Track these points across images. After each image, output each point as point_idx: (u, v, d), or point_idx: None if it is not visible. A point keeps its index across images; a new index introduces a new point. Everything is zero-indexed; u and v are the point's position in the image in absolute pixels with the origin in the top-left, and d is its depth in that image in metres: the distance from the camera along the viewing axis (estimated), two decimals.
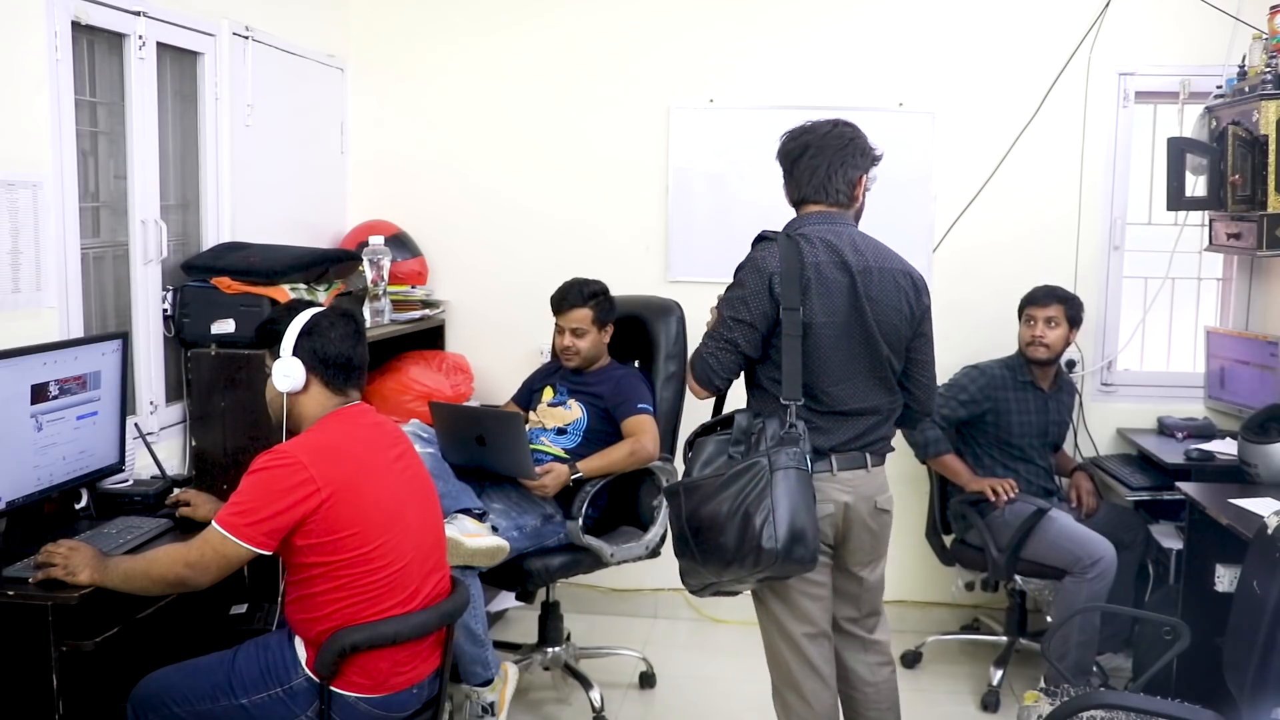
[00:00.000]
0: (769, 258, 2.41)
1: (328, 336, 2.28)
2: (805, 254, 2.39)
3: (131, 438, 2.83)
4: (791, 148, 2.52)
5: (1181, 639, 2.46)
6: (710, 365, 2.45)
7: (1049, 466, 3.72)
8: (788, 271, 2.37)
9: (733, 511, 2.28)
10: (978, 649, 3.90)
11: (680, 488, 2.41)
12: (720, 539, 2.29)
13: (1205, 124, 3.60)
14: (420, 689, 2.33)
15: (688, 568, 2.44)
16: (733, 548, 2.28)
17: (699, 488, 2.36)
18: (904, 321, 2.47)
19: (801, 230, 2.45)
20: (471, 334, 4.21)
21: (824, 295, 2.38)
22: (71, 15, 2.68)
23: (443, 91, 4.20)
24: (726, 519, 2.28)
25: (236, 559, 2.13)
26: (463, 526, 2.92)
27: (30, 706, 2.12)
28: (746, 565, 2.29)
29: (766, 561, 2.26)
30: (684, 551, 2.41)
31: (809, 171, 2.48)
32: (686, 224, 4.12)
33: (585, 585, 4.13)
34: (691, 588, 2.50)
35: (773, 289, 2.38)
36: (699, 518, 2.34)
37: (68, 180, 2.69)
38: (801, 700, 2.55)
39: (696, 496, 2.35)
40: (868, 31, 4.01)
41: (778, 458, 2.29)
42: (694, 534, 2.35)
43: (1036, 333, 3.59)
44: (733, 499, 2.29)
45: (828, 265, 2.39)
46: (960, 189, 4.00)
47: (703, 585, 2.46)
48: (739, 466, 2.31)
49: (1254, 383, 3.73)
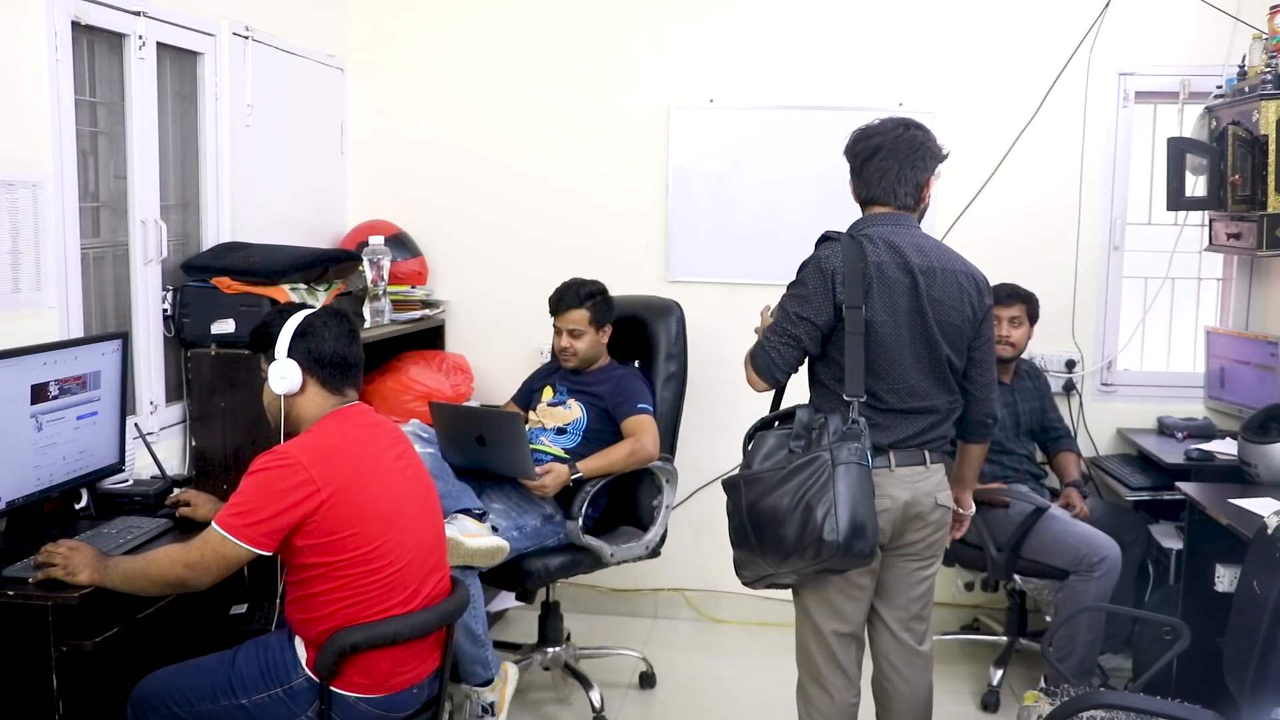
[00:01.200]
0: (832, 257, 2.44)
1: (322, 337, 2.28)
2: (868, 253, 2.42)
3: (131, 438, 2.83)
4: (862, 148, 2.54)
5: (1181, 639, 2.46)
6: (772, 358, 2.47)
7: (1029, 453, 3.74)
8: (850, 271, 2.40)
9: (794, 504, 2.33)
10: (978, 649, 3.90)
11: (740, 480, 2.46)
12: (781, 531, 2.35)
13: (1205, 124, 3.60)
14: (420, 689, 2.33)
15: (744, 559, 2.50)
16: (793, 539, 2.33)
17: (760, 480, 2.41)
18: (966, 322, 2.51)
19: (865, 231, 2.48)
20: (471, 334, 4.21)
21: (886, 295, 2.42)
22: (71, 15, 2.68)
23: (443, 92, 4.20)
24: (788, 511, 2.34)
25: (236, 560, 2.13)
26: (463, 526, 2.92)
27: (30, 706, 2.12)
28: (806, 557, 2.34)
29: (827, 553, 2.31)
30: (742, 543, 2.47)
31: (879, 173, 2.50)
32: (686, 224, 4.12)
33: (585, 585, 4.13)
34: (746, 579, 2.55)
35: (835, 288, 2.41)
36: (759, 510, 2.39)
37: (68, 180, 2.69)
38: (824, 694, 2.58)
39: (757, 489, 2.40)
40: (868, 31, 4.01)
41: (839, 452, 2.34)
42: (753, 526, 2.41)
43: (1003, 332, 3.60)
44: (794, 492, 2.34)
45: (890, 265, 2.43)
46: (960, 189, 4.00)
47: (758, 577, 2.51)
48: (801, 460, 2.36)
49: (1254, 383, 3.73)
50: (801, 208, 3.97)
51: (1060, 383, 4.02)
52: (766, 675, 3.70)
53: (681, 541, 3.98)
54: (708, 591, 4.25)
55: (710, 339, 3.91)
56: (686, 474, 3.77)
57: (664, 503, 3.43)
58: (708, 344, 3.87)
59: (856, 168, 2.55)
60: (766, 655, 3.89)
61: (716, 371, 3.92)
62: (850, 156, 2.57)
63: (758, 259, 4.07)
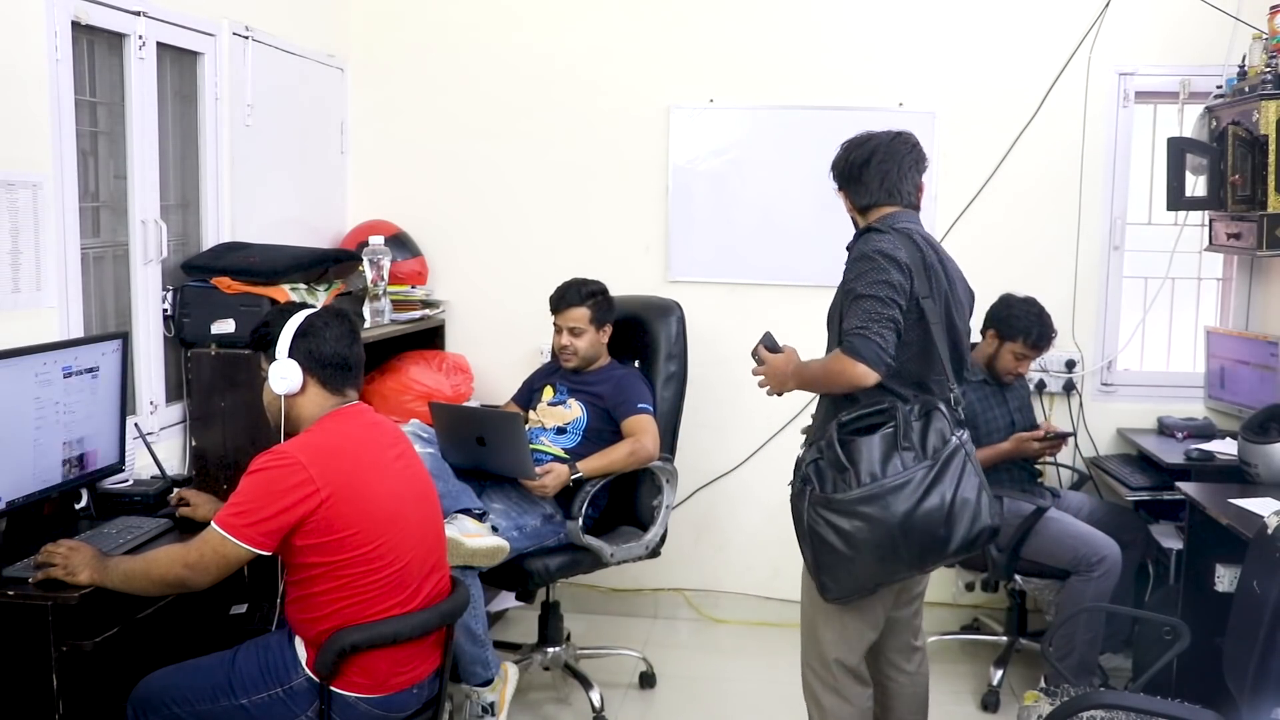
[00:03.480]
0: (896, 249, 2.38)
1: (323, 337, 2.28)
2: (922, 248, 2.43)
3: (131, 438, 2.83)
4: (857, 155, 2.54)
5: (1181, 639, 2.46)
6: (879, 345, 2.32)
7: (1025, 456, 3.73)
8: (914, 262, 2.39)
9: (952, 500, 2.29)
10: (978, 649, 3.90)
11: (881, 490, 2.29)
12: (945, 530, 2.29)
13: (1205, 124, 3.60)
14: (420, 689, 2.33)
15: (875, 572, 2.36)
16: (962, 535, 2.29)
17: (905, 484, 2.29)
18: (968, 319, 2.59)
19: (903, 226, 2.46)
20: (471, 334, 4.21)
21: (937, 290, 2.44)
22: (71, 15, 2.67)
23: (443, 91, 4.20)
24: (954, 509, 2.29)
25: (236, 560, 2.13)
26: (463, 526, 2.92)
27: (30, 706, 2.12)
28: (970, 547, 2.33)
29: (985, 538, 2.32)
30: (887, 557, 2.32)
31: (879, 176, 2.50)
32: (686, 224, 4.12)
33: (585, 585, 4.13)
34: (845, 592, 2.40)
35: (912, 278, 2.38)
36: (916, 517, 2.28)
37: (68, 180, 2.69)
38: (844, 702, 2.53)
39: (903, 495, 2.28)
40: (868, 31, 4.01)
41: (965, 440, 2.34)
42: (907, 534, 2.28)
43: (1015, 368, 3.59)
44: (949, 489, 2.29)
45: (935, 263, 2.45)
46: (960, 189, 4.00)
47: (874, 585, 2.41)
48: (945, 454, 2.30)
49: (1254, 383, 3.73)
50: (801, 208, 3.97)
51: (1060, 383, 4.02)
52: (766, 675, 3.71)
53: (681, 541, 3.99)
54: (708, 591, 4.25)
55: (710, 339, 3.91)
56: (686, 474, 3.77)
57: (664, 503, 3.43)
58: (708, 344, 3.87)
59: (854, 174, 2.54)
60: (766, 655, 3.89)
61: (716, 371, 3.92)
62: (843, 165, 2.56)
63: (758, 259, 4.07)
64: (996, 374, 3.62)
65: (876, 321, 2.34)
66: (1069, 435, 3.77)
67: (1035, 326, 3.53)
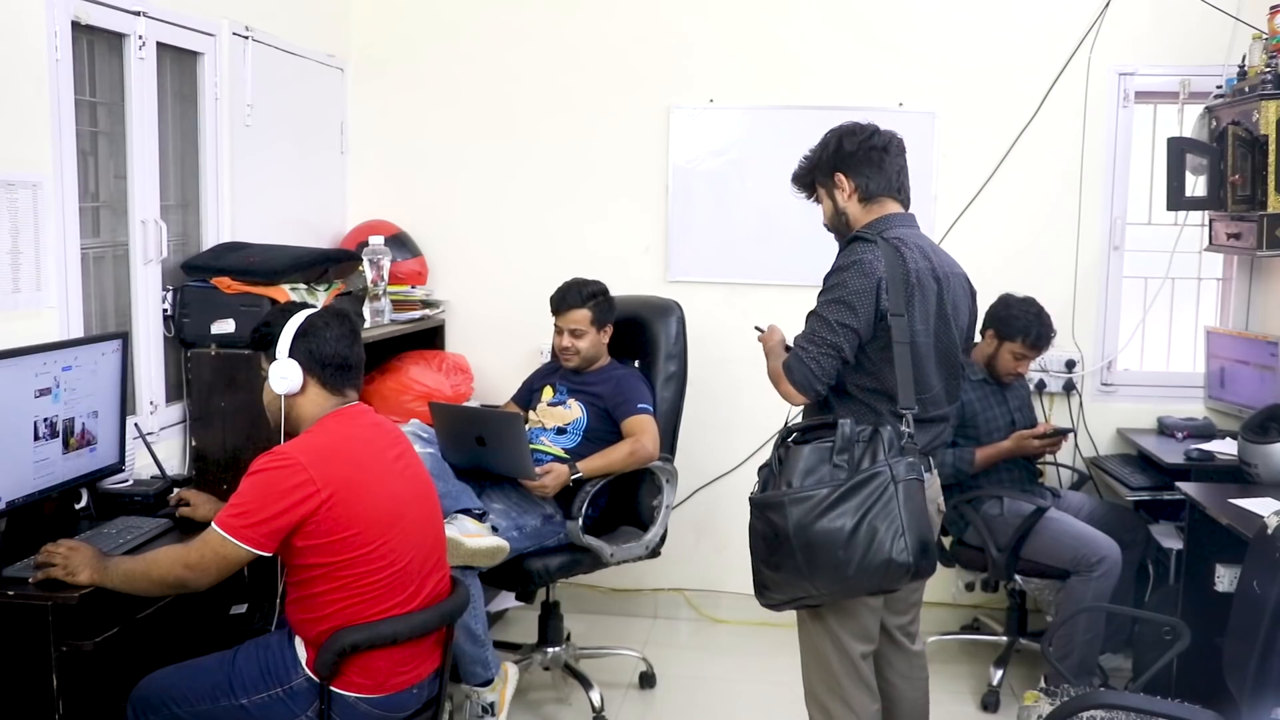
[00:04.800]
0: (876, 262, 2.33)
1: (323, 337, 2.28)
2: (908, 260, 2.35)
3: (131, 438, 2.83)
4: (877, 140, 2.45)
5: (1181, 639, 2.46)
6: (812, 371, 2.33)
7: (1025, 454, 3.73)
8: (894, 277, 2.31)
9: (855, 525, 2.19)
10: (978, 649, 3.90)
11: (784, 499, 2.25)
12: (840, 554, 2.20)
13: (1205, 124, 3.60)
14: (420, 689, 2.33)
15: (782, 581, 2.30)
16: (856, 561, 2.19)
17: (808, 498, 2.22)
18: (969, 326, 2.52)
19: (895, 234, 2.40)
20: (471, 334, 4.21)
21: (923, 304, 2.37)
22: (71, 15, 2.67)
23: (443, 91, 4.20)
24: (850, 533, 2.19)
25: (236, 560, 2.13)
26: (463, 526, 2.92)
27: (30, 706, 2.12)
28: (871, 579, 2.22)
29: (894, 575, 2.21)
30: (784, 565, 2.27)
31: (897, 169, 2.46)
32: (686, 224, 4.12)
33: (585, 585, 4.13)
34: (774, 601, 2.37)
35: (880, 295, 2.31)
36: (813, 532, 2.21)
37: (68, 180, 2.69)
38: (850, 711, 2.47)
39: (805, 508, 2.22)
40: (868, 31, 4.01)
41: (898, 468, 2.22)
42: (804, 549, 2.22)
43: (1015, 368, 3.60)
44: (854, 512, 2.20)
45: (925, 273, 2.38)
46: (960, 189, 4.00)
47: (794, 599, 2.35)
48: (860, 477, 2.22)
49: (1254, 383, 3.73)
50: (801, 208, 3.88)
51: (1060, 382, 4.02)
52: (766, 675, 3.70)
53: (681, 541, 3.99)
54: (708, 591, 4.25)
55: (710, 339, 3.91)
56: (686, 474, 3.77)
57: (664, 503, 3.43)
58: (708, 344, 3.87)
59: (874, 159, 2.45)
60: (766, 655, 3.89)
61: (716, 371, 3.92)
62: (855, 146, 2.45)
63: (758, 259, 4.07)
64: (996, 374, 3.62)
65: (817, 345, 2.34)
66: (1069, 432, 3.78)
67: (1034, 326, 3.54)
